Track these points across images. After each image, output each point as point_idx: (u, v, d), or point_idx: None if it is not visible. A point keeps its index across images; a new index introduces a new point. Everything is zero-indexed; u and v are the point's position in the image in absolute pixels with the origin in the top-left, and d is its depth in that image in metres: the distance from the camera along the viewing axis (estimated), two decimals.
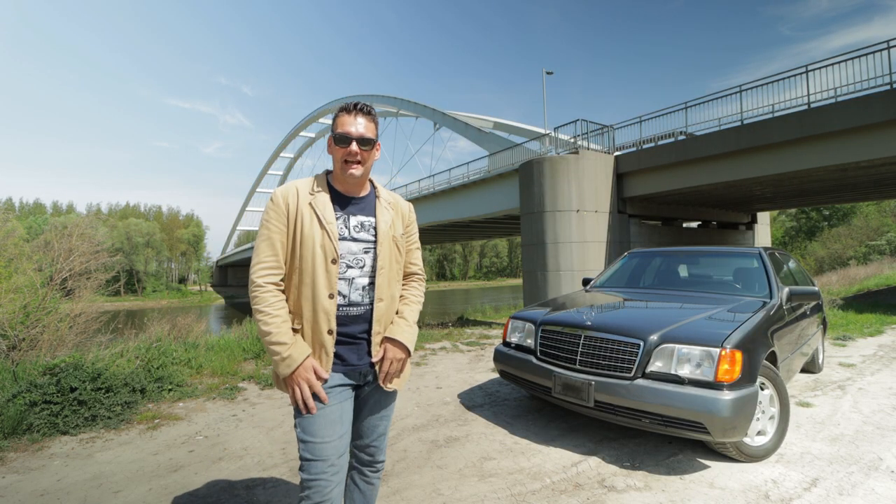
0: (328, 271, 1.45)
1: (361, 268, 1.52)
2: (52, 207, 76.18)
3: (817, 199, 18.10)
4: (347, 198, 1.56)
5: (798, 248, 40.29)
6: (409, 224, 1.71)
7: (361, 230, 1.55)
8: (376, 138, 1.55)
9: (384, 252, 1.55)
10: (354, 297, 1.51)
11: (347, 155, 1.48)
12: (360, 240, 1.53)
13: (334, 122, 1.53)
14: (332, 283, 1.45)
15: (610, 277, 4.66)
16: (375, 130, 1.55)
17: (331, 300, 1.45)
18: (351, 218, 1.54)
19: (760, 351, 2.74)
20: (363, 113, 1.52)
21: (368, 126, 1.51)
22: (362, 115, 1.51)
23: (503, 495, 2.36)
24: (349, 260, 1.50)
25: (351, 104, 1.52)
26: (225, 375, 4.70)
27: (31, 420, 3.15)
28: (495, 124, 24.21)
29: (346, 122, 1.49)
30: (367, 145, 1.50)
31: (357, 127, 1.49)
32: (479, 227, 21.95)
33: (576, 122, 13.29)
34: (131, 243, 62.94)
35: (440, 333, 7.67)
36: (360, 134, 1.49)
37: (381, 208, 1.60)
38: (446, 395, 4.18)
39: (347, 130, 1.48)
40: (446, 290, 75.85)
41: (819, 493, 2.33)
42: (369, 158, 1.53)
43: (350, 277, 1.50)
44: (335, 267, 1.46)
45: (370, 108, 1.54)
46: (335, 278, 1.46)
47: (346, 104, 1.53)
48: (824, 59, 9.68)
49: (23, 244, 7.60)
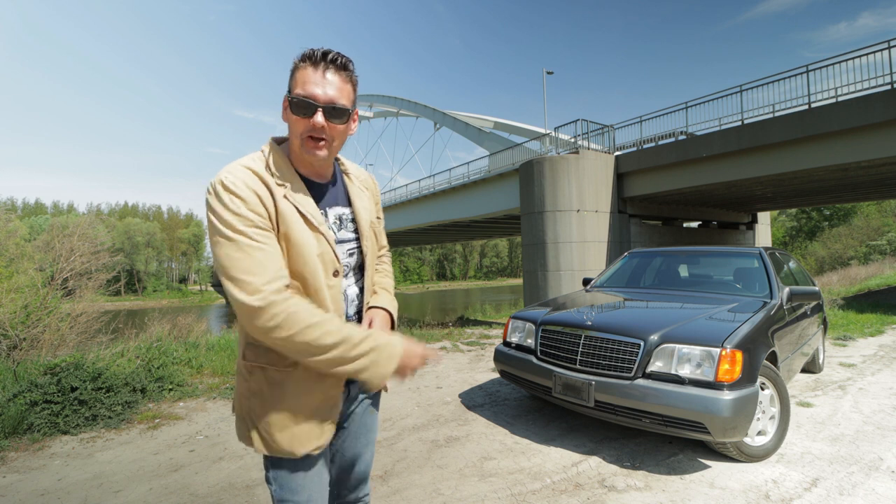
0: (331, 287, 1.06)
1: (347, 276, 1.16)
2: (53, 207, 76.30)
3: (818, 199, 18.09)
4: (317, 184, 1.12)
5: (798, 248, 40.29)
6: (378, 201, 1.33)
7: (342, 227, 1.15)
8: (353, 105, 1.07)
9: (369, 248, 1.20)
10: (351, 310, 1.18)
11: (310, 129, 1.02)
12: (343, 240, 1.15)
13: (292, 77, 1.03)
14: (337, 301, 1.08)
15: (610, 277, 4.66)
16: (353, 94, 1.07)
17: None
18: (328, 211, 1.13)
19: (761, 351, 2.74)
20: (336, 67, 1.02)
21: (343, 88, 1.03)
22: (335, 70, 1.02)
23: (503, 495, 2.36)
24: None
25: (318, 51, 1.01)
26: (225, 375, 4.71)
27: (31, 419, 3.16)
28: (495, 124, 24.23)
29: (309, 78, 1.00)
30: (338, 117, 1.03)
31: (326, 88, 1.00)
32: (480, 226, 21.97)
33: (576, 122, 13.31)
34: (132, 243, 63.05)
35: (440, 333, 7.67)
36: (330, 99, 1.01)
37: (356, 192, 1.20)
38: (446, 394, 4.18)
39: (311, 93, 0.99)
40: (446, 289, 75.88)
41: (819, 493, 2.33)
42: (341, 134, 1.07)
43: (342, 289, 1.14)
44: (337, 281, 1.08)
45: (346, 61, 1.04)
46: (340, 297, 1.09)
47: (310, 51, 1.02)
48: (824, 59, 9.70)
49: (24, 244, 7.61)
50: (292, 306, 0.94)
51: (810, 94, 9.74)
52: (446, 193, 19.57)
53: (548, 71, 21.92)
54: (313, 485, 1.09)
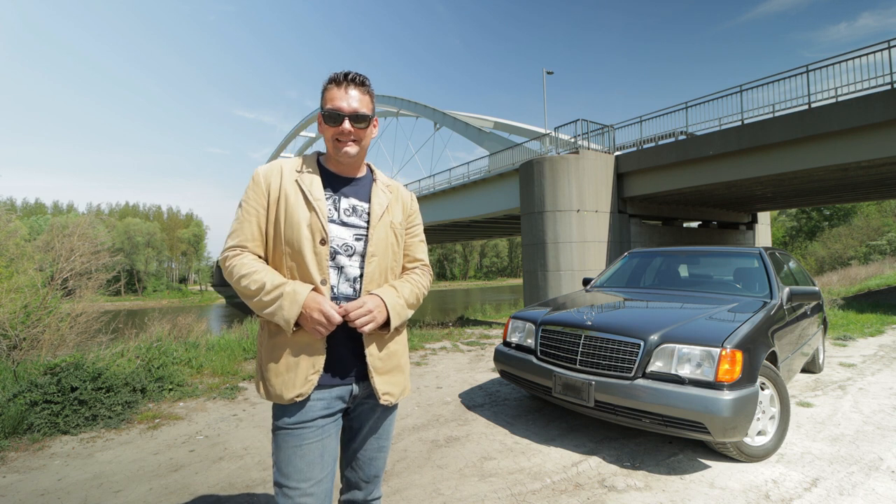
0: (317, 254, 1.25)
1: (350, 255, 1.31)
2: (53, 207, 76.33)
3: (818, 199, 18.09)
4: (340, 178, 1.37)
5: (799, 248, 40.28)
6: (412, 214, 1.50)
7: (353, 214, 1.35)
8: (372, 113, 1.34)
9: (377, 237, 1.34)
10: (344, 287, 1.30)
11: (339, 134, 1.29)
12: (351, 225, 1.33)
13: (323, 97, 1.32)
14: (322, 267, 1.26)
15: (610, 277, 4.66)
16: (371, 103, 1.34)
17: (324, 286, 1.25)
18: (342, 200, 1.35)
19: (761, 351, 2.74)
20: (355, 84, 1.30)
21: (363, 100, 1.31)
22: (355, 87, 1.30)
23: (503, 495, 2.36)
24: (337, 245, 1.30)
25: (340, 74, 1.30)
26: (225, 375, 4.70)
27: (31, 419, 3.16)
28: (495, 124, 24.22)
29: (335, 96, 1.28)
30: (361, 122, 1.30)
31: (349, 101, 1.28)
32: (480, 226, 21.97)
33: (576, 122, 13.31)
34: (132, 243, 63.08)
35: (440, 333, 7.67)
36: (354, 109, 1.28)
37: (377, 191, 1.40)
38: (446, 394, 4.18)
39: (338, 106, 1.27)
40: (446, 289, 75.86)
41: (819, 493, 2.33)
42: (365, 136, 1.34)
43: (339, 265, 1.30)
44: (325, 249, 1.26)
45: (363, 78, 1.32)
46: (326, 262, 1.26)
47: (334, 74, 1.31)
48: (825, 59, 9.69)
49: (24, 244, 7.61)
50: (238, 261, 1.24)
51: (810, 94, 9.74)
52: (446, 193, 19.56)
53: (548, 71, 21.93)
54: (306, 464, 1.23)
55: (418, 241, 1.50)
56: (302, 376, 1.23)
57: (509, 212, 15.60)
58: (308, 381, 1.23)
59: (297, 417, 1.24)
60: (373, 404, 1.37)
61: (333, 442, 1.30)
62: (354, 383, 1.32)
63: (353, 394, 1.32)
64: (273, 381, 1.25)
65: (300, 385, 1.23)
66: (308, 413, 1.25)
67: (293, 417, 1.24)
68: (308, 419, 1.24)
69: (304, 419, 1.24)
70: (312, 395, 1.25)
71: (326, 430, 1.27)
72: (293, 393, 1.23)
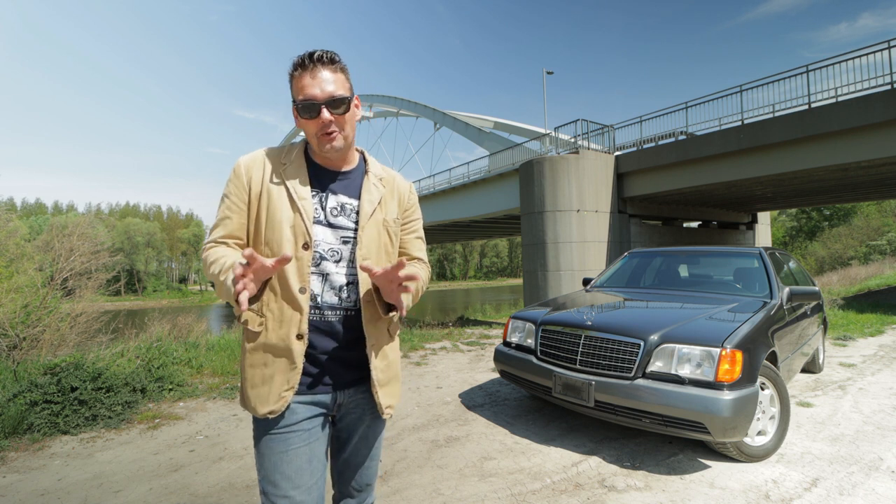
0: (298, 259, 1.14)
1: (337, 261, 1.19)
2: (53, 207, 76.35)
3: (818, 199, 18.10)
4: (328, 172, 1.23)
5: (799, 248, 40.28)
6: (409, 208, 1.36)
7: (340, 214, 1.21)
8: (350, 93, 1.16)
9: (366, 239, 1.21)
10: (329, 296, 1.18)
11: (321, 127, 1.12)
12: (339, 226, 1.20)
13: (292, 87, 1.14)
14: (303, 273, 1.14)
15: (610, 277, 4.66)
16: (347, 81, 1.16)
17: (302, 295, 1.14)
18: (329, 197, 1.21)
19: (761, 351, 2.74)
20: (324, 63, 1.11)
21: (337, 79, 1.13)
22: (324, 67, 1.11)
23: (503, 495, 2.36)
24: (323, 250, 1.18)
25: (305, 55, 1.11)
26: (225, 375, 4.70)
27: (31, 419, 3.16)
28: (495, 124, 24.23)
29: (305, 83, 1.10)
30: (339, 106, 1.13)
31: (323, 86, 1.10)
32: (480, 226, 21.97)
33: (576, 122, 13.31)
34: (132, 243, 63.08)
35: (440, 333, 7.67)
36: (329, 94, 1.11)
37: (368, 186, 1.26)
38: (446, 394, 4.18)
39: (311, 95, 1.10)
40: (446, 289, 75.87)
41: (819, 493, 2.33)
42: (348, 122, 1.16)
43: (324, 272, 1.18)
44: (307, 254, 1.15)
45: (332, 54, 1.13)
46: (307, 269, 1.15)
47: (298, 58, 1.12)
48: (825, 59, 9.70)
49: (24, 244, 7.61)
50: (211, 252, 1.14)
51: (810, 94, 9.74)
52: (446, 193, 19.56)
53: (548, 71, 21.93)
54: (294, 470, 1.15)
55: (415, 238, 1.37)
56: (276, 392, 1.15)
57: (509, 212, 15.61)
58: (281, 398, 1.15)
59: (282, 421, 1.17)
60: (360, 413, 1.28)
61: (321, 447, 1.21)
62: (338, 390, 1.23)
63: (338, 402, 1.24)
64: (249, 393, 1.18)
65: (273, 402, 1.15)
66: (292, 416, 1.17)
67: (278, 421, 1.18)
68: (293, 422, 1.17)
69: (290, 422, 1.16)
70: (294, 399, 1.17)
71: (314, 434, 1.19)
72: (265, 409, 1.15)
